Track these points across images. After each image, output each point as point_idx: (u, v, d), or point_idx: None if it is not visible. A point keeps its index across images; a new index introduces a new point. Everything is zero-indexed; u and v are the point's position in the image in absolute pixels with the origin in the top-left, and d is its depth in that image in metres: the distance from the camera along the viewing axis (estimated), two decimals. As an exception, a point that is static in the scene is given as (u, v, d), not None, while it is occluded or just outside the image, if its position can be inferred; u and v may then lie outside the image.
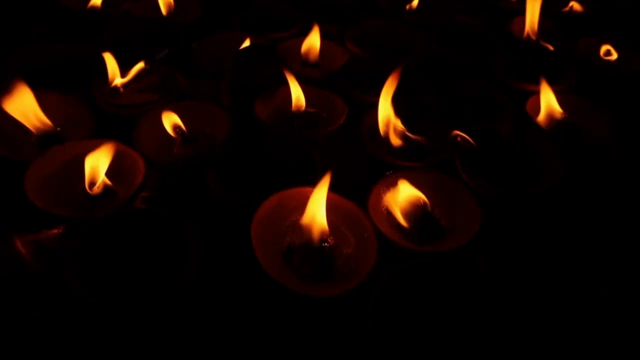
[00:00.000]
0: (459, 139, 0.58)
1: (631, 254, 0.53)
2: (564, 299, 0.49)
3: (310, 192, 0.51)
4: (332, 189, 0.52)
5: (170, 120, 0.60)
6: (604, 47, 0.79)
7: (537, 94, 0.68)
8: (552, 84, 0.71)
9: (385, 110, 0.61)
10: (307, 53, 0.75)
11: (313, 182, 0.54)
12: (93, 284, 0.46)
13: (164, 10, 0.83)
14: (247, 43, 0.72)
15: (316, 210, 0.48)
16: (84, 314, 0.46)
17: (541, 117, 0.66)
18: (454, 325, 0.45)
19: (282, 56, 0.72)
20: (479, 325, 0.45)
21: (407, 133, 0.61)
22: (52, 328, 0.46)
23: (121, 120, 0.62)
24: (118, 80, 0.65)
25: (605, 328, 0.48)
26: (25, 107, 0.58)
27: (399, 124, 0.61)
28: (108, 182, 0.54)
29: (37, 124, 0.59)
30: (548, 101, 0.66)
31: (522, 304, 0.46)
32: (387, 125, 0.61)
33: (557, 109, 0.65)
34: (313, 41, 0.74)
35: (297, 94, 0.63)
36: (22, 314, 0.47)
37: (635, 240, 0.55)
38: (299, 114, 0.63)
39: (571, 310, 0.48)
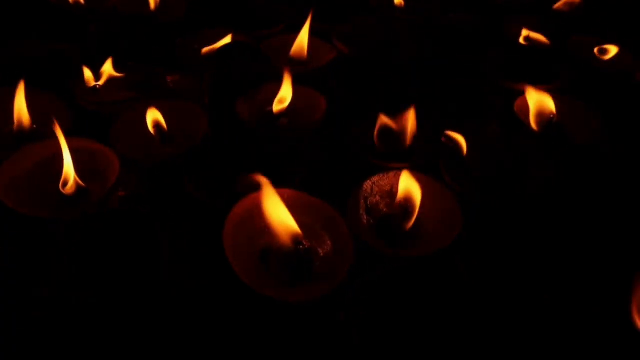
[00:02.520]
0: (443, 139, 0.56)
1: (620, 256, 0.52)
2: (551, 303, 0.48)
3: (288, 194, 0.50)
4: (313, 189, 0.51)
5: (152, 117, 0.59)
6: (597, 46, 0.77)
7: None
8: (544, 84, 0.70)
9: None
10: (295, 53, 0.73)
11: (293, 183, 0.54)
12: (63, 284, 0.45)
13: (151, 6, 0.81)
14: (227, 40, 0.70)
15: (277, 215, 0.46)
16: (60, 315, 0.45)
17: (530, 117, 0.64)
18: (431, 329, 0.44)
19: (266, 53, 0.70)
20: (457, 330, 0.44)
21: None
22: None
23: (100, 117, 0.61)
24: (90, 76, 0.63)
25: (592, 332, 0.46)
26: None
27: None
28: (80, 181, 0.53)
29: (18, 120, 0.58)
30: (539, 101, 0.65)
31: (504, 309, 0.44)
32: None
33: (547, 109, 0.64)
34: (302, 41, 0.72)
35: (283, 94, 0.61)
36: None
37: (625, 242, 0.53)
38: (280, 112, 0.62)
39: (558, 315, 0.47)
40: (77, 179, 0.53)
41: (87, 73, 0.63)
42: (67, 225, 0.53)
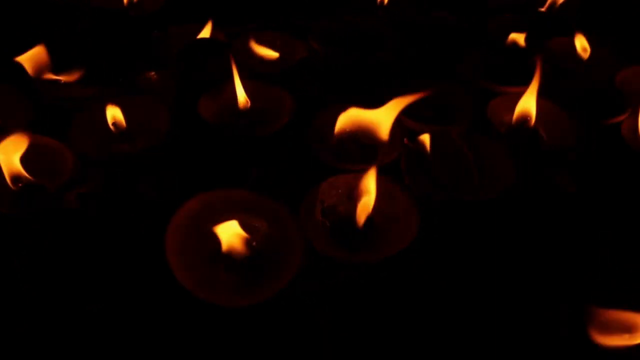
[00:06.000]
0: (405, 140, 0.55)
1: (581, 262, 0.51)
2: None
3: (240, 195, 0.49)
4: (268, 189, 0.50)
5: (111, 114, 0.58)
6: (578, 47, 0.75)
7: (500, 95, 0.66)
8: (521, 85, 0.69)
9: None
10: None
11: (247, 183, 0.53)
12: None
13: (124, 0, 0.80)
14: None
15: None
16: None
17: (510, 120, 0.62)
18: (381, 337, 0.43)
19: (236, 50, 0.69)
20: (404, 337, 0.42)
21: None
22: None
23: (61, 113, 0.60)
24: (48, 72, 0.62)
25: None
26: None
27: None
28: (27, 175, 0.52)
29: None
30: (525, 106, 0.63)
31: (456, 316, 0.43)
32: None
33: (529, 113, 0.62)
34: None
35: (240, 93, 0.60)
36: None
37: (589, 250, 0.52)
38: (244, 111, 0.61)
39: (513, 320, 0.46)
40: (25, 173, 0.52)
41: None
42: (21, 222, 0.52)
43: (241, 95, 0.60)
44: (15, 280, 0.46)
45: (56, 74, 0.65)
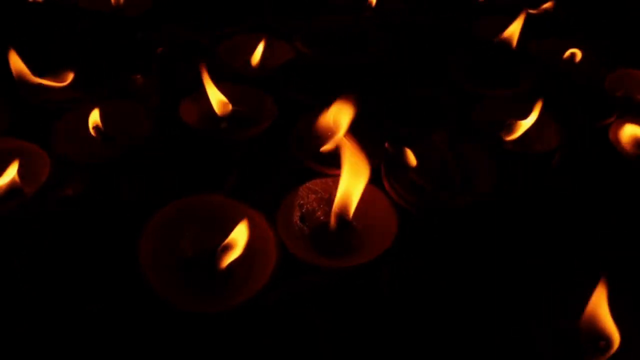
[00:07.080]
0: (386, 144, 0.55)
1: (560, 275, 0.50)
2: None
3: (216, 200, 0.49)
4: (245, 194, 0.50)
5: (92, 119, 0.58)
6: (568, 51, 0.75)
7: (487, 98, 0.65)
8: (508, 87, 0.68)
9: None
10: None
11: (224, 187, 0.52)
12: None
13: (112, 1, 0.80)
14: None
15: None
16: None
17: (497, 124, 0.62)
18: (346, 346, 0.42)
19: (223, 53, 0.69)
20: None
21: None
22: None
23: (43, 116, 0.60)
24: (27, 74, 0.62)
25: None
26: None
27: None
28: (17, 179, 0.52)
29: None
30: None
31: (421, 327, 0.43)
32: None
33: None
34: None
35: (217, 98, 0.60)
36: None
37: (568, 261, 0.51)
38: (225, 115, 0.60)
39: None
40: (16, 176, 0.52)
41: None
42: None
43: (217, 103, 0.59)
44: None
45: (42, 77, 0.65)
